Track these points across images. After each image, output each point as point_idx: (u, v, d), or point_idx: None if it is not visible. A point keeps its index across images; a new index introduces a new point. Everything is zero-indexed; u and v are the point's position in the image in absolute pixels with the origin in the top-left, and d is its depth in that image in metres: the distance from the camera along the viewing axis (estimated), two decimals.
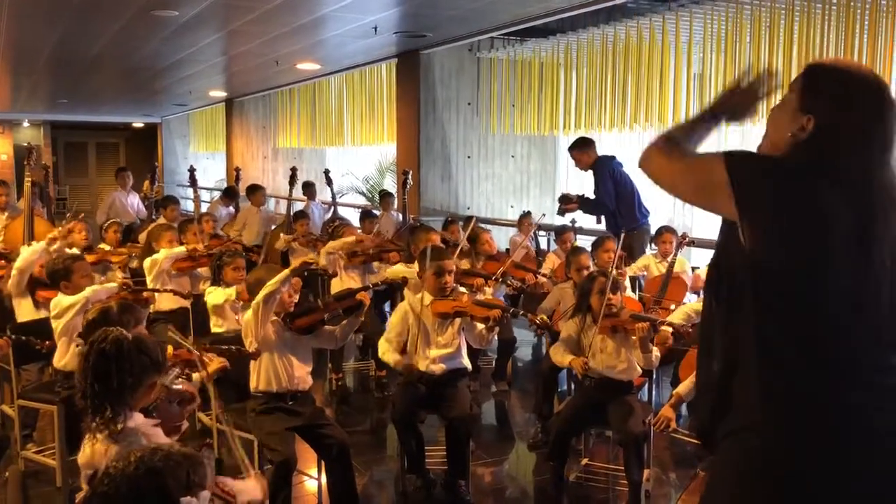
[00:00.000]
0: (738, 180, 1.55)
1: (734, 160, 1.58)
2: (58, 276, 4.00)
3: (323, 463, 3.46)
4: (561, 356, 3.77)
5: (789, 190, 1.55)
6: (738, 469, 1.60)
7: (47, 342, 3.77)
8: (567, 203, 6.28)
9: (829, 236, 1.52)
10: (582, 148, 6.34)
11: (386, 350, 3.83)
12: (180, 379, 2.77)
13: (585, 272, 4.36)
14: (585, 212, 6.43)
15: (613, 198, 6.22)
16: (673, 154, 1.70)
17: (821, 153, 1.57)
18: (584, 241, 6.02)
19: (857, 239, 1.53)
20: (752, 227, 1.54)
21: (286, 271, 3.36)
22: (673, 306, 5.15)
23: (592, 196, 6.30)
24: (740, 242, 1.56)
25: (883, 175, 1.58)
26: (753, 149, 1.74)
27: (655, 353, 3.62)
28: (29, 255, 4.41)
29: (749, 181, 1.56)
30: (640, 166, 1.74)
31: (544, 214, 6.58)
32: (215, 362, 2.89)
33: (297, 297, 3.54)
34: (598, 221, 6.47)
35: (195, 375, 2.86)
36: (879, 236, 1.54)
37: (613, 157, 6.38)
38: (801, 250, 1.53)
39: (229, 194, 9.47)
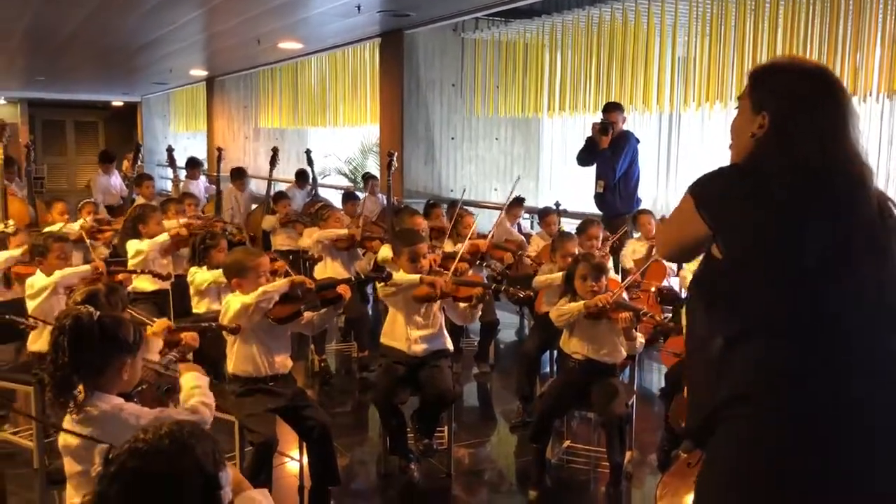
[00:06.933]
0: (704, 202, 1.65)
1: (695, 187, 1.68)
2: (35, 251, 3.95)
3: (304, 444, 3.43)
4: (568, 305, 3.62)
5: (746, 190, 1.61)
6: (733, 454, 1.60)
7: (31, 319, 3.72)
8: (601, 136, 6.14)
9: (799, 222, 1.55)
10: (621, 112, 6.26)
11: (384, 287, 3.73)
12: (178, 364, 2.71)
13: (571, 259, 4.34)
14: (588, 159, 6.30)
15: (621, 175, 6.16)
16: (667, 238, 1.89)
17: (778, 143, 1.62)
18: (568, 225, 6.00)
19: (832, 222, 1.55)
20: (724, 234, 1.62)
21: (285, 282, 3.31)
22: (654, 287, 5.17)
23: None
24: (713, 258, 1.65)
25: (841, 156, 1.60)
26: None
27: (640, 339, 3.62)
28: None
29: (712, 198, 1.65)
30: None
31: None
32: (159, 323, 2.78)
33: None
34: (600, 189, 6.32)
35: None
36: (854, 220, 1.56)
37: (638, 140, 6.35)
38: (766, 240, 1.57)
39: (192, 165, 9.33)
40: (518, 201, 6.47)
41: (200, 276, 4.29)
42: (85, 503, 1.81)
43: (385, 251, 5.00)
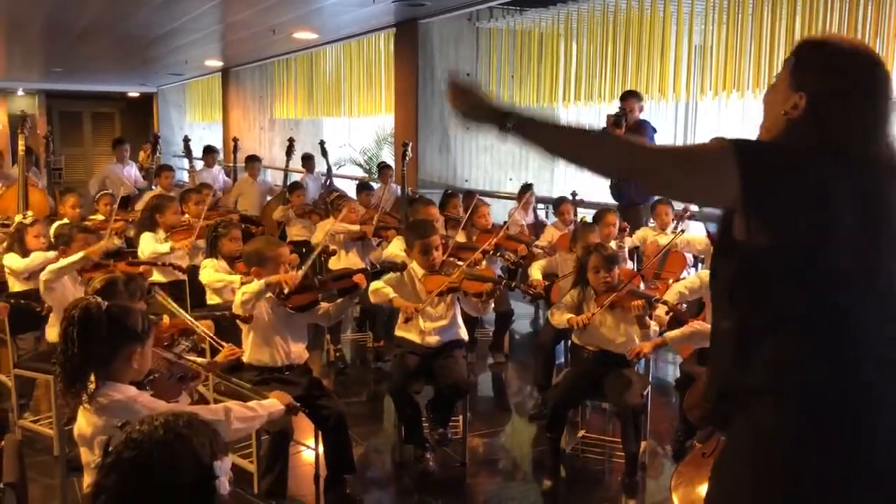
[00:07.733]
0: (748, 168, 1.48)
1: (742, 146, 1.51)
2: (59, 240, 4.00)
3: (320, 433, 3.46)
4: (559, 316, 3.70)
5: (792, 173, 1.51)
6: (750, 447, 1.58)
7: (47, 305, 3.76)
8: (614, 128, 5.94)
9: (834, 214, 1.50)
10: (638, 100, 6.19)
11: (380, 287, 3.80)
12: (190, 353, 2.73)
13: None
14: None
15: None
16: (644, 146, 1.64)
17: (816, 130, 1.54)
18: (584, 214, 5.98)
19: (860, 214, 1.50)
20: (757, 212, 1.51)
21: (262, 283, 3.26)
22: (671, 280, 5.13)
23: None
24: (733, 238, 1.54)
25: (881, 149, 1.55)
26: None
27: (654, 327, 3.61)
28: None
29: (756, 168, 1.50)
30: (605, 168, 1.68)
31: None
32: (225, 350, 2.89)
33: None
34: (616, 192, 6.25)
35: (199, 360, 2.83)
36: (881, 212, 1.53)
37: (654, 129, 6.29)
38: (806, 230, 1.50)
39: (208, 152, 9.35)
40: (526, 188, 6.44)
41: (203, 274, 4.32)
42: (86, 495, 1.82)
43: (392, 248, 5.01)
